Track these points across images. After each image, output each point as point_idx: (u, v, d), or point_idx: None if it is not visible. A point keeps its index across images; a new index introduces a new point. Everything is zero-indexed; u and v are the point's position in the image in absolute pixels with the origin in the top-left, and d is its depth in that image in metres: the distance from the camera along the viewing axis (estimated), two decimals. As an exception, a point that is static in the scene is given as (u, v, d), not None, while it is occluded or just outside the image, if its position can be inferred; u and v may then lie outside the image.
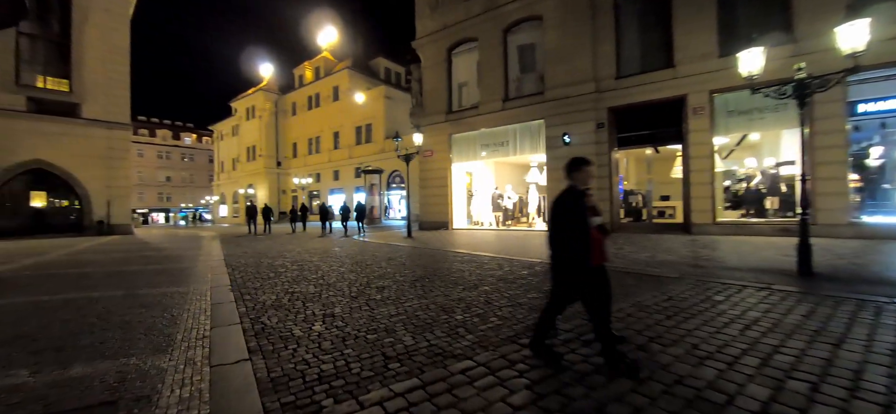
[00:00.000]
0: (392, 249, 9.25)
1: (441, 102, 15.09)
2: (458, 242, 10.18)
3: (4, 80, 15.07)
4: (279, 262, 7.66)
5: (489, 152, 14.21)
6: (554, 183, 12.34)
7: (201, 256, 8.77)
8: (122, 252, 9.67)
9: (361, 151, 31.77)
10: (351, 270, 6.49)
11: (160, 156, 59.29)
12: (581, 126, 11.74)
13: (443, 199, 14.89)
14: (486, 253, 8.20)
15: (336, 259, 7.89)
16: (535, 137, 12.91)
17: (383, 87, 30.83)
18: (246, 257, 8.41)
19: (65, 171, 16.27)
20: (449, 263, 7.01)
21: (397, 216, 30.52)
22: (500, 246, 9.29)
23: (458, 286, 5.11)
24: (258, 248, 10.30)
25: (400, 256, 8.17)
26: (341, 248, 9.86)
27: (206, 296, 4.87)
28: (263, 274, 6.31)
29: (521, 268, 6.40)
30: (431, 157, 15.17)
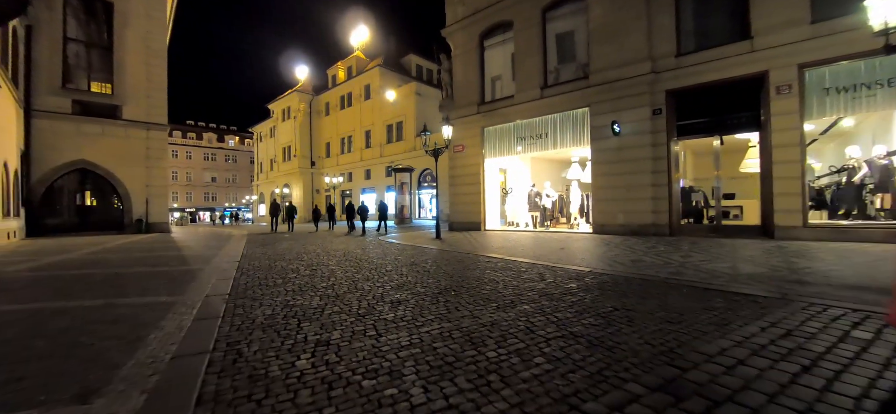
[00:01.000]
0: (417, 253, 8.31)
1: (472, 93, 14.01)
2: (491, 245, 9.08)
3: (52, 84, 15.73)
4: (293, 265, 6.94)
5: (525, 146, 12.95)
6: (601, 179, 10.91)
7: (218, 257, 8.26)
8: (143, 252, 9.41)
9: (392, 150, 31.32)
10: (366, 278, 5.59)
11: (206, 158, 62.57)
12: (634, 112, 10.24)
13: (474, 197, 13.81)
14: (523, 259, 7.06)
15: (354, 263, 7.05)
16: (579, 128, 11.52)
17: (414, 84, 30.20)
18: (262, 259, 7.79)
19: (107, 171, 16.79)
20: (480, 272, 5.95)
21: (429, 216, 29.77)
22: (539, 250, 8.10)
23: (489, 303, 4.04)
24: (278, 249, 9.73)
25: (425, 260, 7.20)
26: (363, 250, 9.06)
27: (193, 309, 4.12)
28: (271, 280, 5.56)
29: (566, 279, 5.22)
30: (462, 152, 14.13)
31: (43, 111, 15.40)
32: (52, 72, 15.76)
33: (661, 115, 9.94)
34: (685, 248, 7.99)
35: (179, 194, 59.48)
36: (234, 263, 7.26)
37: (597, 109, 10.90)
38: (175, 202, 58.54)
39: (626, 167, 10.33)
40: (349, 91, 35.81)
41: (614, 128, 10.27)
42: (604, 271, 5.77)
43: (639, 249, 8.04)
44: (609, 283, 5.01)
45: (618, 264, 6.39)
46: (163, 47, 18.39)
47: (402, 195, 24.44)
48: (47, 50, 15.65)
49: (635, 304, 3.92)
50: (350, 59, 37.72)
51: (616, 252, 7.70)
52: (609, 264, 6.41)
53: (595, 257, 7.21)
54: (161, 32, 18.36)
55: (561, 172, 16.07)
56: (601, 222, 10.89)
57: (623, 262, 6.67)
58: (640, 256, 7.25)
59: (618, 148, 10.46)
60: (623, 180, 10.39)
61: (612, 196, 10.64)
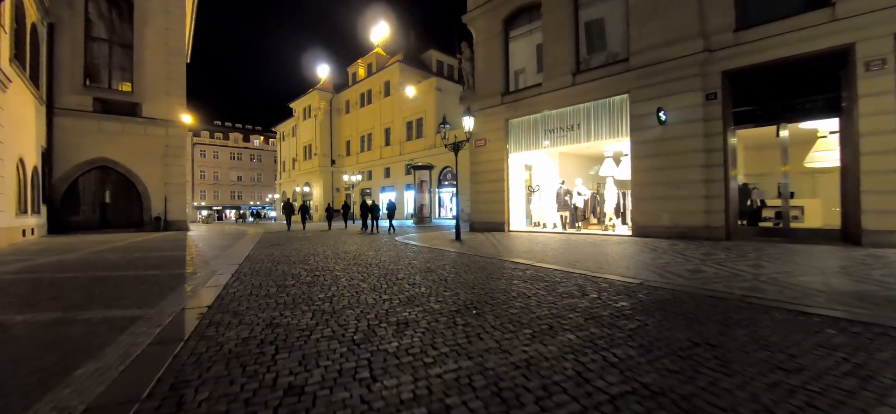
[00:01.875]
0: (434, 256, 7.38)
1: (496, 83, 12.94)
2: (517, 249, 8.04)
3: (74, 82, 15.79)
4: (296, 270, 6.16)
5: (554, 140, 11.78)
6: (642, 174, 9.63)
7: (220, 258, 7.61)
8: (147, 251, 8.91)
9: (412, 147, 30.60)
10: (373, 288, 4.69)
11: (232, 157, 64.06)
12: (682, 98, 8.91)
13: (498, 195, 12.76)
14: (556, 266, 6.01)
15: (362, 268, 6.19)
16: (616, 117, 10.26)
17: (434, 79, 29.35)
18: (265, 261, 7.06)
19: (126, 169, 16.78)
20: (506, 282, 4.95)
21: (449, 215, 28.85)
22: (573, 255, 7.00)
23: (522, 329, 3.07)
24: (287, 250, 9.02)
25: (442, 266, 6.25)
26: (375, 252, 8.20)
27: (157, 327, 3.33)
28: (265, 288, 4.77)
29: (614, 294, 4.18)
30: (484, 147, 13.10)
31: (65, 109, 15.47)
32: (74, 70, 15.82)
33: (716, 100, 8.58)
34: (751, 255, 6.69)
35: (207, 192, 61.13)
36: (233, 266, 6.56)
37: (638, 96, 9.62)
38: (203, 200, 60.22)
39: (673, 161, 9.02)
40: (369, 88, 35.37)
41: (660, 116, 8.98)
42: (659, 284, 4.67)
43: (693, 255, 6.81)
44: (670, 301, 3.94)
45: (673, 275, 5.25)
46: (181, 45, 18.27)
47: (422, 194, 23.62)
48: (69, 48, 15.72)
49: (718, 335, 2.88)
50: (370, 56, 37.30)
51: (666, 259, 6.52)
52: (661, 275, 5.28)
53: (641, 265, 6.06)
54: (180, 30, 18.25)
55: (590, 169, 14.78)
56: (642, 223, 9.61)
57: (678, 272, 5.51)
58: (697, 265, 6.05)
59: (663, 139, 9.16)
60: (669, 176, 9.08)
61: (655, 194, 9.36)
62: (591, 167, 15.00)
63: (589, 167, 15.02)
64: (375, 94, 34.47)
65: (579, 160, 14.85)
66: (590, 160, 15.27)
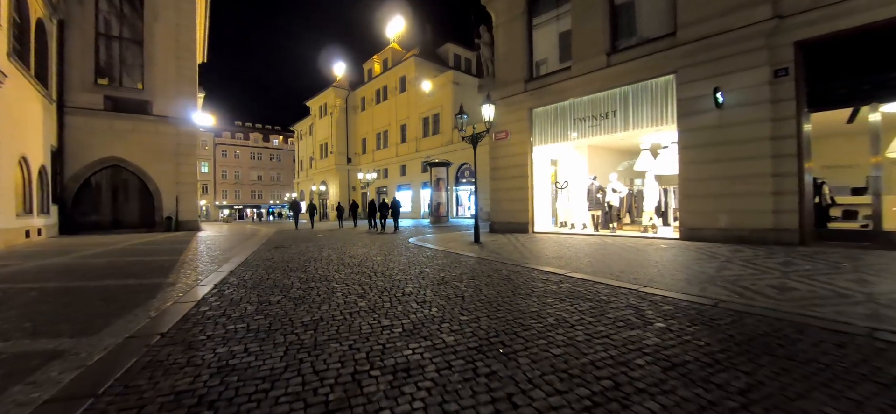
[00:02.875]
0: (450, 263, 6.32)
1: (518, 68, 11.73)
2: (546, 254, 6.88)
3: (85, 80, 15.51)
4: (290, 279, 5.25)
5: (584, 130, 10.49)
6: (692, 167, 8.26)
7: (215, 262, 6.79)
8: (141, 255, 8.20)
9: (428, 144, 29.64)
10: (372, 308, 3.69)
11: (252, 157, 64.87)
12: (745, 76, 7.50)
13: (520, 193, 11.57)
14: (598, 277, 4.87)
15: (365, 279, 5.19)
16: (659, 102, 8.91)
17: (451, 73, 28.25)
18: (259, 268, 6.17)
19: (137, 168, 16.45)
20: (538, 300, 3.86)
21: (467, 214, 27.73)
22: (614, 263, 5.80)
23: (574, 386, 2.01)
24: (289, 254, 8.13)
25: (458, 277, 5.18)
26: (385, 257, 7.21)
27: (73, 372, 2.43)
28: (244, 305, 3.87)
29: (685, 321, 3.11)
30: (506, 139, 11.93)
31: (76, 108, 15.21)
32: (85, 68, 15.55)
33: (787, 76, 7.13)
34: (845, 266, 5.33)
35: (228, 192, 62.12)
36: (222, 273, 5.74)
37: (687, 76, 8.24)
38: (224, 199, 61.22)
39: (733, 151, 7.63)
40: (384, 84, 34.60)
41: (717, 97, 7.58)
42: (741, 307, 3.55)
43: (767, 265, 5.51)
44: (770, 335, 2.85)
45: (754, 294, 4.06)
46: (192, 40, 17.84)
47: (438, 192, 22.58)
48: (79, 45, 15.45)
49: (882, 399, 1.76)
50: (385, 52, 36.53)
51: (734, 270, 5.26)
52: (739, 293, 4.09)
53: (705, 278, 4.84)
54: (190, 25, 17.82)
55: (619, 164, 13.41)
56: (692, 225, 8.25)
57: (759, 288, 4.31)
58: (779, 278, 4.80)
59: (719, 126, 7.77)
60: (727, 169, 7.70)
61: (708, 191, 7.98)
62: (624, 161, 13.60)
63: (622, 162, 13.62)
64: (391, 90, 33.67)
65: (611, 154, 13.47)
66: (622, 154, 13.85)
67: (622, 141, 12.04)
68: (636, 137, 11.35)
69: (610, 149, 13.38)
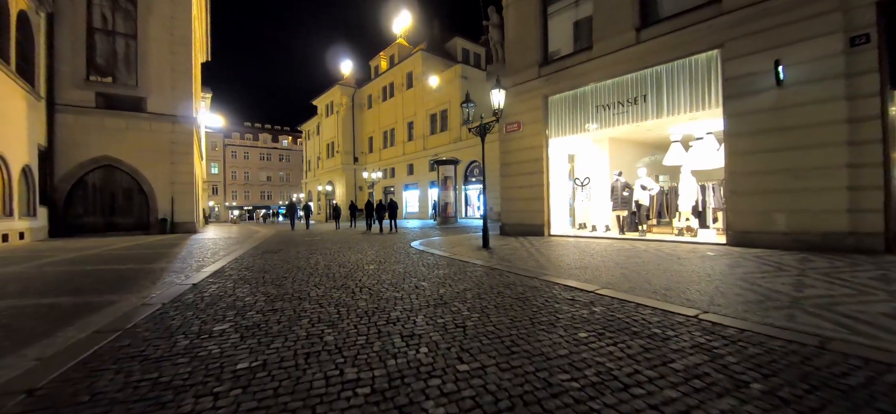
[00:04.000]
0: (453, 275, 5.20)
1: (531, 51, 10.51)
2: (567, 262, 5.70)
3: (76, 76, 14.85)
4: (256, 296, 4.18)
5: (607, 119, 9.23)
6: (742, 159, 6.94)
7: (185, 271, 5.79)
8: (111, 262, 7.26)
9: (436, 142, 28.56)
10: (338, 347, 2.58)
11: (262, 157, 64.86)
12: (811, 46, 6.17)
13: (535, 191, 10.36)
14: (638, 297, 3.72)
15: (346, 297, 4.09)
16: (700, 82, 7.60)
17: (459, 67, 27.11)
18: (230, 280, 5.14)
19: (131, 168, 15.75)
20: (567, 334, 2.71)
21: (476, 214, 26.56)
22: (653, 276, 4.60)
23: None
24: (277, 259, 7.09)
25: (461, 295, 4.05)
26: (379, 266, 6.11)
27: None
28: (177, 339, 2.82)
29: (784, 371, 1.96)
30: (517, 132, 10.73)
31: (66, 105, 14.54)
32: (76, 63, 14.89)
33: (869, 45, 5.78)
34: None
35: (238, 193, 62.18)
36: (184, 287, 4.77)
37: (736, 49, 6.92)
38: (234, 200, 61.27)
39: (795, 138, 6.31)
40: (391, 81, 33.64)
41: (779, 72, 6.27)
42: (863, 350, 2.36)
43: (857, 281, 4.26)
44: None
45: (867, 325, 2.90)
46: (188, 34, 17.08)
47: (446, 191, 21.47)
48: (70, 40, 14.79)
49: None
50: (392, 48, 35.58)
51: (817, 289, 4.02)
52: (841, 323, 2.96)
53: (783, 299, 3.65)
54: (186, 19, 17.05)
55: (645, 159, 12.10)
56: (743, 228, 6.93)
57: (870, 317, 3.15)
58: (887, 299, 3.59)
59: (777, 108, 6.46)
60: (787, 160, 6.38)
61: (763, 186, 6.67)
62: (649, 155, 12.27)
63: (647, 156, 12.30)
64: (398, 87, 32.69)
65: (635, 147, 12.15)
66: (647, 147, 12.52)
67: (649, 132, 10.74)
68: (665, 128, 10.04)
69: (634, 142, 12.06)
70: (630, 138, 11.64)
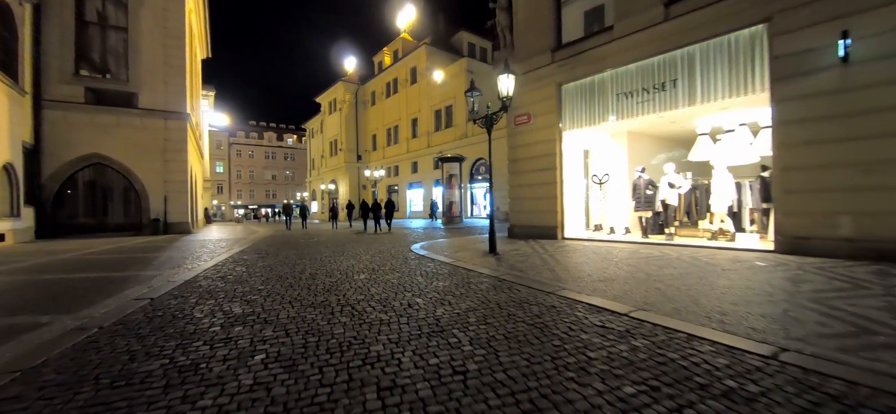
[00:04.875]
0: (454, 287, 4.31)
1: (543, 34, 9.54)
2: (587, 272, 4.76)
3: (63, 71, 14.22)
4: (214, 319, 3.33)
5: (629, 109, 8.24)
6: (793, 152, 5.93)
7: (161, 277, 4.98)
8: (71, 271, 6.49)
9: (441, 139, 27.65)
10: (290, 406, 1.70)
11: (267, 156, 64.53)
12: (884, 15, 5.15)
13: (547, 190, 9.41)
14: (688, 324, 2.77)
15: (319, 319, 3.22)
16: (741, 63, 6.58)
17: (464, 60, 26.14)
18: (199, 291, 4.32)
19: (122, 166, 15.11)
20: (604, 383, 1.75)
21: (482, 214, 25.61)
22: (699, 293, 3.66)
23: None
24: (258, 267, 6.26)
25: (462, 319, 3.14)
26: (371, 274, 5.24)
27: None
28: (81, 390, 1.94)
29: None
30: (528, 124, 9.78)
31: (54, 101, 13.92)
32: (64, 57, 14.25)
33: (961, 10, 4.76)
34: None
35: (243, 192, 61.97)
36: (140, 304, 3.98)
37: (787, 22, 5.90)
38: (239, 199, 61.04)
39: (862, 126, 5.29)
40: (394, 77, 32.78)
41: (844, 46, 5.25)
42: None
43: None
44: None
45: None
46: (181, 27, 16.38)
47: (451, 189, 20.56)
48: (58, 33, 14.16)
49: None
50: (396, 43, 34.71)
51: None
52: None
53: (889, 331, 2.65)
54: (179, 11, 16.35)
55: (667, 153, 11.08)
56: (797, 232, 5.92)
57: None
58: None
59: (840, 90, 5.44)
60: (855, 152, 5.36)
61: (823, 184, 5.65)
62: (671, 151, 11.25)
63: (670, 151, 11.28)
64: (401, 83, 31.81)
65: (656, 142, 11.13)
66: (669, 142, 11.50)
67: (672, 125, 9.75)
68: (690, 120, 9.05)
69: (655, 136, 11.04)
70: (651, 132, 10.63)
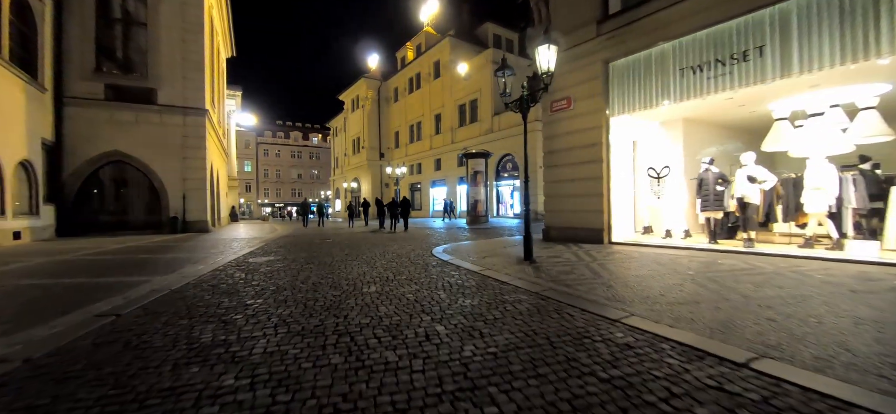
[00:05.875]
0: (487, 310, 3.15)
1: (587, 4, 8.20)
2: (660, 293, 3.47)
3: (84, 68, 14.07)
4: (174, 353, 2.34)
5: (695, 87, 6.80)
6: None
7: (149, 283, 4.16)
8: (52, 277, 5.85)
9: (465, 134, 26.47)
10: None
11: (293, 155, 65.43)
12: None
13: (591, 186, 8.08)
14: (858, 396, 1.46)
15: (310, 356, 2.16)
16: (859, 22, 5.07)
17: (490, 51, 24.82)
18: (188, 305, 3.41)
19: (141, 163, 14.87)
20: None
21: (509, 213, 24.26)
22: (842, 332, 2.31)
23: None
24: (260, 271, 5.38)
25: (503, 370, 1.96)
26: (383, 286, 4.19)
27: None
28: None
29: None
30: (567, 110, 8.48)
31: (74, 98, 13.79)
32: (84, 54, 14.10)
33: None
34: None
35: (270, 190, 63.10)
36: (109, 319, 3.06)
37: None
38: (266, 198, 62.16)
39: None
40: (417, 71, 31.85)
41: None
42: None
43: None
44: None
45: None
46: (199, 20, 16.01)
47: (476, 187, 19.37)
48: (79, 29, 14.01)
49: None
50: (419, 37, 33.80)
51: None
52: None
53: None
54: (197, 4, 15.98)
55: (732, 143, 9.52)
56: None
57: None
58: None
59: None
60: None
61: None
62: (729, 142, 9.67)
63: (729, 142, 9.71)
64: (424, 77, 30.84)
65: (716, 131, 9.57)
66: (731, 131, 9.90)
67: (741, 109, 8.23)
68: (763, 102, 7.54)
69: (714, 124, 9.48)
70: (711, 119, 9.09)
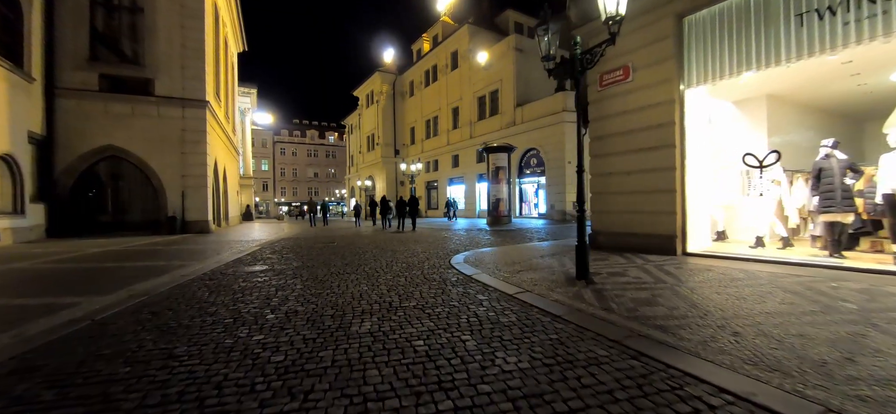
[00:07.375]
0: (548, 380, 1.49)
1: (648, -49, 6.43)
2: (835, 351, 1.77)
3: (77, 57, 13.11)
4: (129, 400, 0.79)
5: (814, 40, 4.96)
6: None
7: (103, 299, 2.75)
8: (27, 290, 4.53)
9: (485, 128, 24.72)
10: None
11: (309, 154, 65.10)
12: None
13: (659, 180, 6.29)
14: None
15: None
16: None
17: (512, 37, 22.98)
18: (133, 330, 1.92)
19: (138, 159, 13.85)
20: None
21: (533, 212, 22.40)
22: None
23: None
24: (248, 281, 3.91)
25: None
26: (388, 312, 2.60)
27: None
28: None
29: None
30: (625, 82, 6.72)
31: (66, 89, 12.85)
32: (77, 41, 13.14)
33: None
34: None
35: (286, 189, 62.92)
36: None
37: None
38: (283, 196, 61.97)
39: None
40: (434, 63, 30.28)
41: None
42: None
43: None
44: None
45: None
46: (200, 5, 14.90)
47: (498, 185, 17.65)
48: (72, 15, 13.06)
49: None
50: (435, 27, 32.23)
51: None
52: None
53: None
54: (198, -14, 14.90)
55: (821, 121, 7.57)
56: None
57: None
58: None
59: None
60: None
61: None
62: (819, 125, 7.73)
63: (818, 125, 7.77)
64: (441, 69, 29.23)
65: (806, 112, 7.62)
66: (823, 113, 7.92)
67: (852, 79, 6.30)
68: (885, 71, 5.65)
69: (805, 104, 7.50)
70: (802, 96, 7.14)
